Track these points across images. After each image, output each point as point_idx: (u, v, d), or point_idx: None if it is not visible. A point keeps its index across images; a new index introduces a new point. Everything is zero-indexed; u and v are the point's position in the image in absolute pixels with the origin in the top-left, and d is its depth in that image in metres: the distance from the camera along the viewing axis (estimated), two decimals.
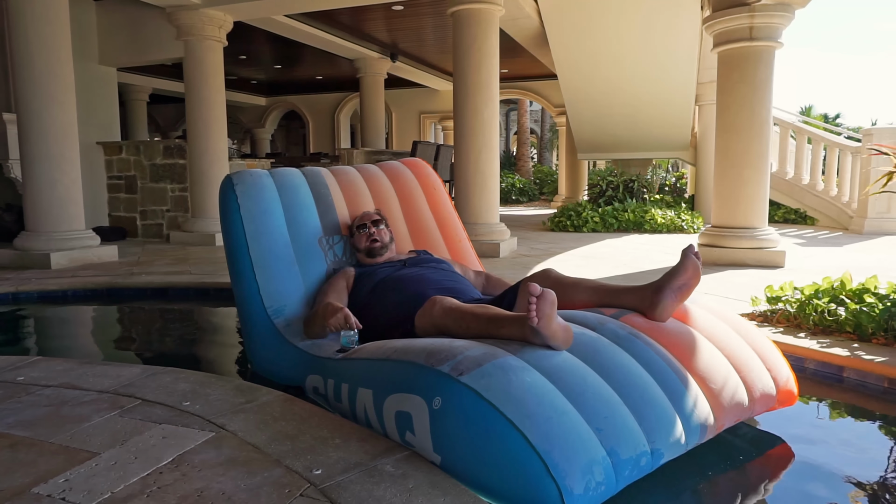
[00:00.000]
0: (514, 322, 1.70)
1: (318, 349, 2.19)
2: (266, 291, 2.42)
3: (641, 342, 1.76)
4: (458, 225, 3.11)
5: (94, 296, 4.28)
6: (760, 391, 1.85)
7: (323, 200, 2.76)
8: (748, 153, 5.06)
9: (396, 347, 1.77)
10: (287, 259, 2.52)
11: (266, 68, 12.35)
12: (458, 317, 1.85)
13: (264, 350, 2.41)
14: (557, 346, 1.63)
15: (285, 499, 1.31)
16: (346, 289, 2.45)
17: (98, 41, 7.58)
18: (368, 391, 1.73)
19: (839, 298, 2.92)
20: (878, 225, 7.71)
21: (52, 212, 5.33)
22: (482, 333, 1.76)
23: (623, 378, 1.61)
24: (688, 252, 1.89)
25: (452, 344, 1.65)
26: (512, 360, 1.55)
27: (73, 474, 1.42)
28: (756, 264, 5.02)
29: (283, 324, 2.38)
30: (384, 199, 2.98)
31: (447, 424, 1.47)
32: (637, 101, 8.76)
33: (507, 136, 27.11)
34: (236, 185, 2.56)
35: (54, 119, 5.24)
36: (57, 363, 2.27)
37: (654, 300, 1.86)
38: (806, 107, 22.89)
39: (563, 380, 1.53)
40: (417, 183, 3.12)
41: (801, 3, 4.95)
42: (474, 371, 1.50)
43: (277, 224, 2.55)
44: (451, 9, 5.95)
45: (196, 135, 6.94)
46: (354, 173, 3.01)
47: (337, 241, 2.71)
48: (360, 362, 1.89)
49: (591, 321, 1.85)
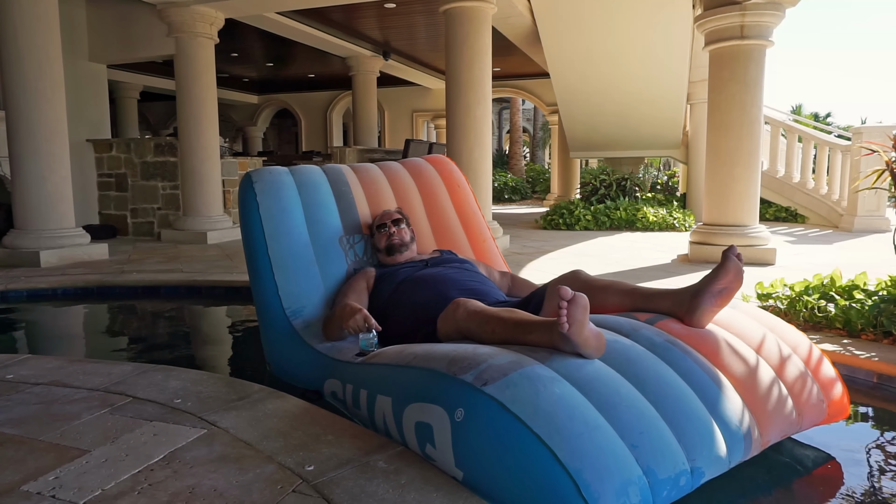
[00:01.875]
0: (542, 328, 1.59)
1: (336, 352, 2.11)
2: (285, 292, 2.35)
3: (679, 350, 1.64)
4: (483, 224, 3.01)
5: (84, 294, 4.25)
6: (809, 404, 1.72)
7: (344, 198, 2.68)
8: (739, 151, 5.09)
9: (417, 353, 1.68)
10: (306, 259, 2.44)
11: (258, 66, 12.30)
12: (482, 321, 1.75)
13: (282, 352, 2.34)
14: (589, 355, 1.52)
15: (277, 495, 1.31)
16: (366, 290, 2.37)
17: (88, 38, 7.52)
18: (387, 399, 1.65)
19: (829, 295, 2.94)
20: (867, 223, 7.77)
21: (41, 209, 5.28)
22: (508, 339, 1.66)
23: (660, 389, 1.49)
24: (729, 253, 1.75)
25: (476, 351, 1.56)
26: (540, 370, 1.45)
27: (63, 472, 1.41)
28: (747, 262, 5.04)
29: (301, 325, 2.31)
30: (406, 197, 2.89)
31: (470, 438, 1.38)
32: (629, 100, 8.79)
33: (500, 135, 27.12)
34: (255, 182, 2.49)
35: (43, 116, 5.19)
36: (47, 361, 2.26)
37: (692, 305, 1.74)
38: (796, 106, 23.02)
39: (596, 391, 1.42)
40: (441, 180, 3.03)
41: (791, 2, 4.98)
42: (499, 381, 1.41)
43: (297, 223, 2.48)
44: (444, 7, 5.94)
45: (187, 132, 6.90)
46: (376, 170, 2.93)
47: (358, 240, 2.63)
48: (380, 368, 1.80)
49: (625, 327, 1.73)
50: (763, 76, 5.08)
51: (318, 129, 14.98)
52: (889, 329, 2.62)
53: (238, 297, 4.17)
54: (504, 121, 26.70)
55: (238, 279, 4.34)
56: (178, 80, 6.93)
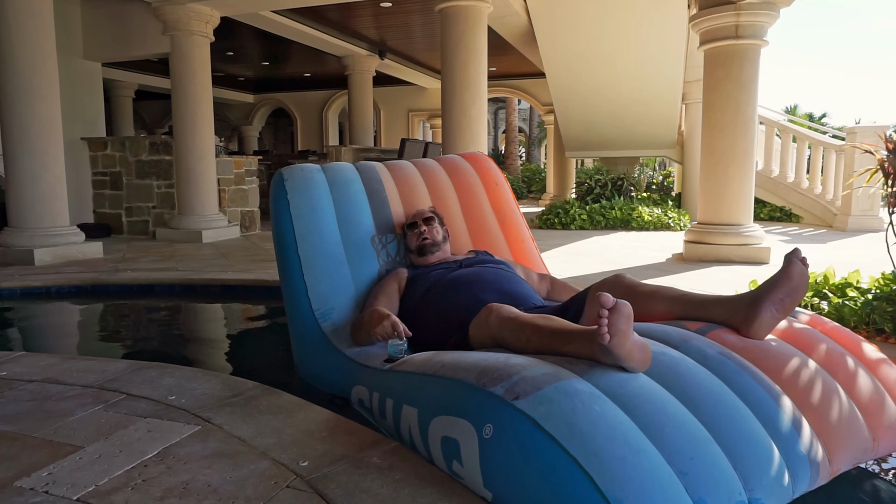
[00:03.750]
0: (581, 337, 1.46)
1: (365, 358, 2.01)
2: (314, 293, 2.26)
3: (734, 364, 1.48)
4: (522, 223, 2.90)
5: (78, 292, 4.24)
6: (885, 427, 1.53)
7: (376, 196, 2.60)
8: (733, 150, 5.11)
9: (445, 362, 1.58)
10: (337, 259, 2.35)
11: (254, 65, 12.27)
12: (516, 328, 1.62)
13: (310, 355, 2.26)
14: (633, 369, 1.38)
15: (272, 490, 1.31)
16: (397, 292, 2.28)
17: (83, 35, 7.50)
18: (413, 410, 1.55)
19: (822, 293, 2.96)
20: (861, 222, 7.80)
21: (35, 208, 5.26)
22: (544, 349, 1.54)
23: (713, 409, 1.34)
24: (792, 257, 1.60)
25: (509, 361, 1.43)
26: (578, 384, 1.31)
27: (56, 468, 1.41)
28: (741, 261, 5.07)
29: (330, 328, 2.21)
30: (442, 195, 2.79)
31: (499, 457, 1.26)
32: (625, 100, 8.81)
33: (496, 135, 27.14)
34: (286, 180, 2.42)
35: (37, 114, 5.17)
36: (40, 358, 2.25)
37: (749, 314, 1.58)
38: (791, 106, 23.12)
39: (640, 410, 1.28)
40: (478, 178, 2.92)
41: (786, 2, 5.00)
42: (532, 395, 1.28)
43: (328, 221, 2.40)
44: (440, 6, 5.94)
45: (182, 131, 6.88)
46: (410, 168, 2.84)
47: (390, 240, 2.53)
48: (406, 376, 1.70)
49: (673, 338, 1.58)
50: (758, 76, 5.10)
51: (314, 128, 14.96)
52: (882, 326, 2.64)
53: (233, 296, 4.16)
54: (500, 120, 26.72)
55: (233, 278, 4.33)
56: (174, 79, 6.91)
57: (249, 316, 3.93)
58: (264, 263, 4.99)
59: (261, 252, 5.77)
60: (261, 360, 2.95)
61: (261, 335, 3.41)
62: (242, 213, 7.71)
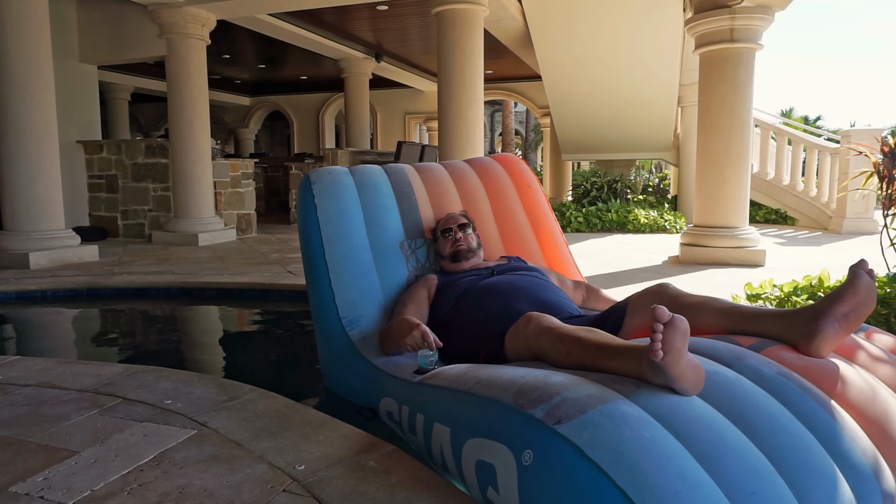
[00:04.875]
0: (628, 353, 1.34)
1: (394, 368, 1.93)
2: (341, 300, 2.19)
3: (795, 385, 1.34)
4: (556, 228, 2.82)
5: (74, 296, 4.22)
6: None
7: (406, 200, 2.52)
8: (729, 153, 5.12)
9: (480, 378, 1.47)
10: (365, 265, 2.28)
11: (250, 68, 12.27)
12: (556, 339, 1.52)
13: (337, 365, 2.19)
14: (684, 391, 1.24)
15: (268, 495, 1.31)
16: (427, 299, 2.20)
17: (78, 38, 7.48)
18: (445, 429, 1.46)
19: (817, 295, 2.96)
20: (856, 225, 7.84)
21: (30, 211, 5.25)
22: (585, 363, 1.43)
23: (774, 436, 1.21)
24: (858, 269, 1.46)
25: (549, 380, 1.32)
26: (626, 407, 1.20)
27: (52, 472, 1.41)
28: (737, 263, 5.09)
29: (358, 337, 2.14)
30: (473, 199, 2.70)
31: (540, 487, 1.16)
32: (621, 103, 8.83)
33: (493, 137, 27.18)
34: (314, 183, 2.35)
35: (33, 117, 5.16)
36: (35, 362, 2.25)
37: (810, 329, 1.44)
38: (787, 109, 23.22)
39: (695, 437, 1.16)
40: (510, 180, 2.82)
41: (780, 6, 5.02)
42: (576, 419, 1.18)
43: (356, 226, 2.33)
44: (436, 9, 5.95)
45: (178, 134, 6.87)
46: (440, 170, 2.75)
47: (420, 244, 2.47)
48: (438, 391, 1.60)
49: (725, 355, 1.43)
50: (753, 79, 5.12)
51: (311, 131, 14.96)
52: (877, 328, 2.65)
53: (229, 299, 4.16)
54: (496, 123, 26.76)
55: (230, 281, 4.33)
56: (170, 82, 6.90)
57: (245, 319, 3.92)
58: (260, 266, 4.98)
59: (257, 255, 5.76)
60: (257, 364, 2.94)
61: (257, 338, 3.41)
62: (239, 216, 7.70)
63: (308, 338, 3.34)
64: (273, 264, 5.11)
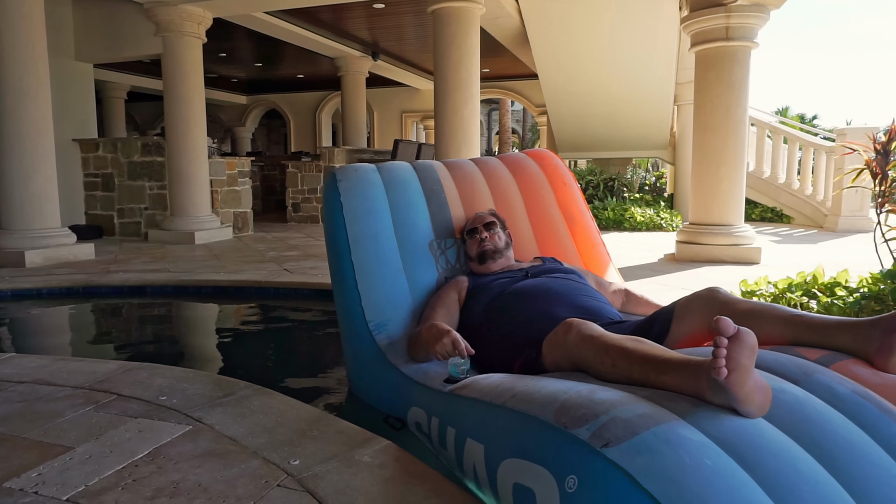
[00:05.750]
0: (683, 368, 1.20)
1: (423, 376, 1.82)
2: (368, 303, 2.08)
3: (874, 407, 1.17)
4: (593, 227, 2.68)
5: (69, 294, 4.22)
6: None
7: (435, 198, 2.41)
8: (724, 151, 5.14)
9: (517, 391, 1.35)
10: (393, 266, 2.17)
11: (246, 66, 12.25)
12: (600, 349, 1.39)
13: (364, 371, 2.10)
14: (748, 413, 1.10)
15: (262, 489, 1.31)
16: (457, 302, 2.10)
17: (74, 36, 7.46)
18: (479, 446, 1.34)
19: (812, 292, 2.98)
20: (851, 223, 7.86)
21: (25, 209, 5.24)
22: (633, 377, 1.30)
23: (854, 466, 1.06)
24: None
25: (594, 396, 1.19)
26: (683, 430, 1.06)
27: (46, 468, 1.41)
28: (732, 261, 5.10)
29: (385, 341, 2.03)
30: (505, 197, 2.59)
31: None
32: (617, 101, 8.84)
33: (490, 136, 27.18)
34: (340, 181, 2.25)
35: (28, 115, 5.15)
36: (30, 360, 2.25)
37: (887, 342, 1.29)
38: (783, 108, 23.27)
39: (764, 466, 1.02)
40: (544, 177, 2.69)
41: (775, 4, 5.04)
42: (627, 442, 1.04)
43: (383, 226, 2.22)
44: (432, 7, 5.95)
45: (175, 132, 6.86)
46: (471, 166, 2.64)
47: (450, 245, 2.36)
48: (471, 404, 1.48)
49: (790, 370, 1.29)
50: (748, 77, 5.14)
51: (307, 129, 14.95)
52: None
53: (226, 297, 4.16)
54: (493, 122, 26.76)
55: (225, 279, 4.33)
56: (166, 80, 6.89)
57: (241, 317, 3.92)
58: (256, 264, 4.98)
59: (253, 253, 5.76)
60: (253, 361, 2.95)
61: (253, 336, 3.41)
62: (235, 215, 7.69)
63: (303, 335, 3.35)
64: (269, 262, 5.11)
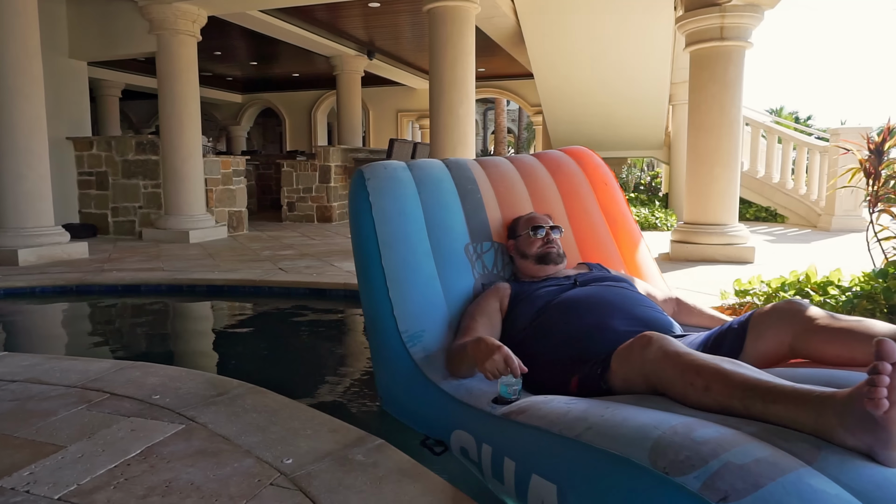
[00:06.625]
0: (802, 400, 1.02)
1: (467, 394, 1.65)
2: (401, 312, 1.91)
3: None
4: (636, 230, 2.54)
5: (63, 293, 4.20)
6: None
7: (470, 198, 2.26)
8: (718, 151, 5.15)
9: (592, 421, 1.18)
10: (427, 272, 2.01)
11: (242, 65, 12.22)
12: (688, 369, 1.21)
13: (397, 387, 1.92)
14: (892, 459, 0.93)
15: (255, 488, 1.31)
16: (498, 312, 1.93)
17: (68, 34, 7.43)
18: (550, 486, 1.16)
19: (804, 291, 2.99)
20: (845, 222, 7.90)
21: (19, 207, 5.21)
22: (731, 406, 1.12)
23: None
24: None
25: (694, 434, 1.01)
26: (815, 481, 0.89)
27: (38, 467, 1.40)
28: (726, 260, 5.12)
29: (421, 354, 1.87)
30: (543, 197, 2.42)
31: None
32: (612, 101, 8.86)
33: (485, 135, 27.19)
34: (368, 180, 2.08)
35: (21, 113, 5.13)
36: (23, 358, 2.24)
37: None
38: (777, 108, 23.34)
39: None
40: (584, 176, 2.54)
41: (769, 4, 5.05)
42: (750, 497, 0.86)
43: (416, 228, 2.06)
44: (427, 6, 5.95)
45: (169, 131, 6.84)
46: (507, 165, 2.49)
47: (486, 248, 2.19)
48: (534, 433, 1.30)
49: None
50: (742, 77, 5.15)
51: (303, 128, 14.92)
52: None
53: (220, 296, 4.15)
54: (489, 121, 26.77)
55: (220, 277, 4.32)
56: (160, 78, 6.87)
57: (236, 316, 3.92)
58: (251, 263, 4.97)
59: (248, 252, 5.75)
60: (246, 360, 2.94)
61: (247, 335, 3.40)
62: (230, 214, 7.68)
63: (298, 334, 3.35)
64: (264, 261, 5.10)
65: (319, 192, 8.83)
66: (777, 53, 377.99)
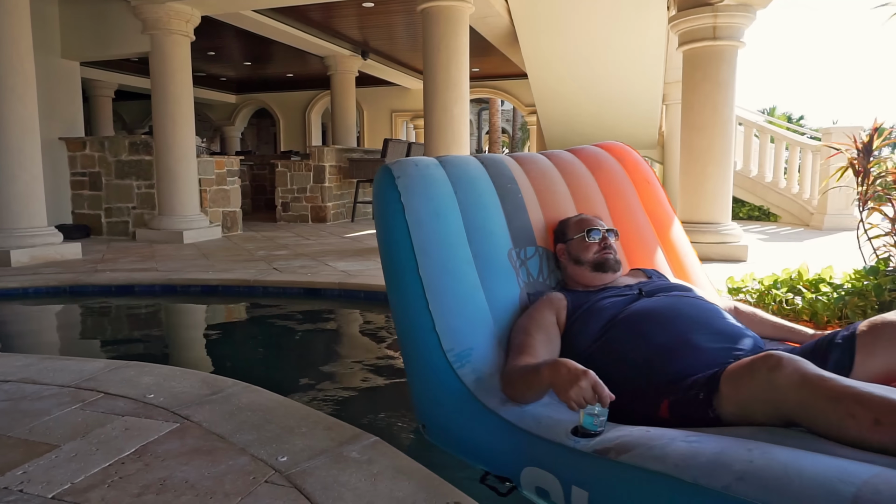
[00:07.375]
0: None
1: (535, 424, 1.42)
2: (444, 327, 1.67)
3: None
4: (681, 232, 2.35)
5: (56, 293, 4.19)
6: None
7: (510, 198, 2.01)
8: (711, 150, 5.18)
9: (739, 468, 1.00)
10: (469, 282, 1.77)
11: (236, 65, 12.19)
12: (846, 399, 1.04)
13: (444, 415, 1.68)
14: None
15: (250, 486, 1.31)
16: (556, 326, 1.70)
17: (60, 34, 7.40)
18: None
19: (797, 288, 3.01)
20: (837, 221, 7.94)
21: (11, 208, 5.19)
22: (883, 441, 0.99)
23: None
24: None
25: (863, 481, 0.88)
26: None
27: (31, 466, 1.40)
28: (719, 258, 5.14)
29: (471, 376, 1.62)
30: (586, 197, 2.19)
31: None
32: (606, 101, 8.89)
33: (479, 135, 27.21)
34: (398, 178, 1.82)
35: (14, 113, 5.10)
36: (16, 358, 2.23)
37: None
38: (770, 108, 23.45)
39: None
40: (625, 174, 2.32)
41: (761, 4, 5.08)
42: None
43: (454, 231, 1.82)
44: (421, 6, 5.95)
45: (163, 131, 6.82)
46: (545, 162, 2.24)
47: (531, 254, 1.97)
48: (652, 478, 1.12)
49: None
50: (735, 77, 5.19)
51: (297, 128, 14.90)
52: (853, 320, 2.70)
53: (214, 296, 4.14)
54: (483, 121, 26.79)
55: (214, 277, 4.31)
56: (153, 78, 6.85)
57: (230, 315, 3.91)
58: (246, 263, 4.96)
59: (242, 252, 5.74)
60: (241, 359, 2.94)
61: (241, 334, 3.40)
62: (224, 214, 7.66)
63: (292, 333, 3.35)
64: (259, 261, 5.09)
65: (314, 192, 8.82)
66: (769, 53, 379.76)
